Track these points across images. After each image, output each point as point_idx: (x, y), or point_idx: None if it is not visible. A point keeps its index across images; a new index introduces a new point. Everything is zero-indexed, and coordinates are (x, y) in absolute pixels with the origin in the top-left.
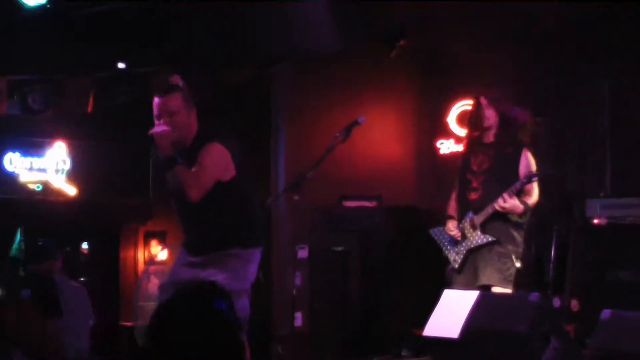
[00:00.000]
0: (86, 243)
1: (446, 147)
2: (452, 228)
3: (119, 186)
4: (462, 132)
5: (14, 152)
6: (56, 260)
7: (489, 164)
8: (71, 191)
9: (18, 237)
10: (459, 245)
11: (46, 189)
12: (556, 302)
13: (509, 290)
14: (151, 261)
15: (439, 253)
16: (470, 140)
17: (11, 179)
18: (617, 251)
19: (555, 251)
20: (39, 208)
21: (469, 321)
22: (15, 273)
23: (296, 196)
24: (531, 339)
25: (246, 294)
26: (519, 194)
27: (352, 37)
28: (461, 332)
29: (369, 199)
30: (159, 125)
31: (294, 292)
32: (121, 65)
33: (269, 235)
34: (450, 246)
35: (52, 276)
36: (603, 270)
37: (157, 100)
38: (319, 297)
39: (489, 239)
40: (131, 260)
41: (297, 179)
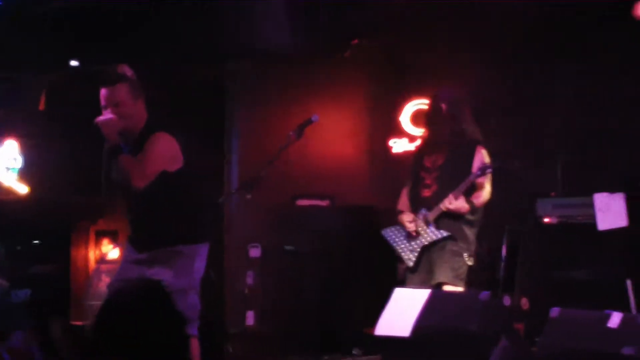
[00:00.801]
0: (37, 241)
1: (399, 146)
2: (408, 219)
3: (70, 185)
4: (415, 131)
5: None
6: None
7: (442, 161)
8: (22, 190)
9: None
10: (412, 243)
11: None
12: (506, 300)
13: (460, 288)
14: (102, 260)
15: (392, 252)
16: (425, 138)
17: None
18: (567, 250)
19: (507, 250)
20: None
21: (420, 320)
22: None
23: (248, 195)
24: (481, 337)
25: (194, 291)
26: (470, 192)
27: (307, 36)
28: (412, 330)
29: (321, 198)
30: (106, 114)
31: (246, 291)
32: (74, 63)
33: (222, 233)
34: (404, 245)
35: None
36: (553, 269)
37: (103, 91)
38: (271, 296)
39: (444, 234)
40: (82, 259)
41: (250, 178)
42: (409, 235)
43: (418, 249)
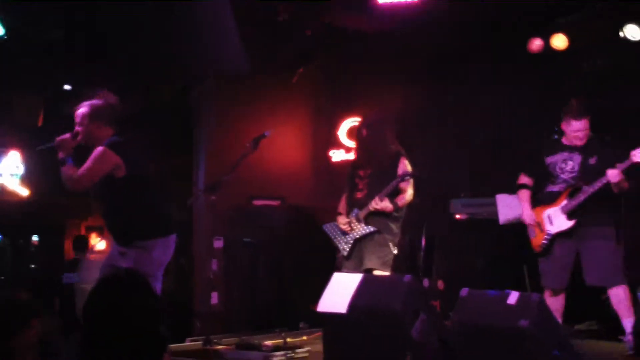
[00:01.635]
0: (36, 236)
1: (337, 156)
2: (343, 221)
3: (65, 188)
4: (350, 143)
5: None
6: None
7: (372, 170)
8: (24, 192)
9: None
10: (347, 237)
11: (2, 190)
12: (425, 282)
13: (387, 273)
14: (91, 250)
15: (331, 244)
16: (356, 150)
17: None
18: (474, 241)
19: (425, 241)
20: None
21: (354, 299)
22: None
23: (213, 196)
24: (405, 314)
25: (153, 278)
26: (395, 195)
27: (261, 61)
28: (348, 308)
29: (274, 198)
30: (68, 132)
31: (211, 275)
32: (67, 87)
33: (191, 228)
34: (340, 237)
35: None
36: (463, 257)
37: (75, 111)
38: (232, 280)
39: (371, 229)
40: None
41: (215, 181)
42: (344, 230)
43: (351, 242)
